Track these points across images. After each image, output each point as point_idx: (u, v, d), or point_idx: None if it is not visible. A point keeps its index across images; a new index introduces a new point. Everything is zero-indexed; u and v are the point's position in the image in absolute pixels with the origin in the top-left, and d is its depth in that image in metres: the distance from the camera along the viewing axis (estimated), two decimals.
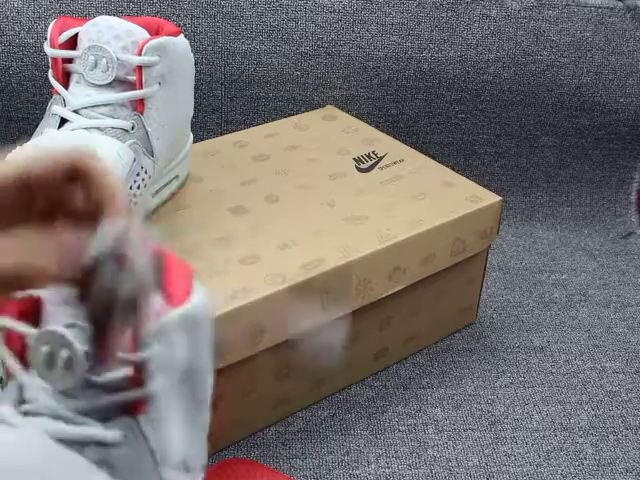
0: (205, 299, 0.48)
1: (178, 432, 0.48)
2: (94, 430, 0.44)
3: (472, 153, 1.10)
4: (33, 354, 0.43)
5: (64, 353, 0.42)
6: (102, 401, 0.44)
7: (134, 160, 0.72)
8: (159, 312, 0.46)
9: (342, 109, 1.05)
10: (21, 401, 0.44)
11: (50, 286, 0.40)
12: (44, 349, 0.42)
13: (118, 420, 0.45)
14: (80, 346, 0.42)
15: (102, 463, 0.44)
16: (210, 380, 0.50)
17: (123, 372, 0.45)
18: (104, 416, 0.45)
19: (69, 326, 0.43)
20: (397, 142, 0.93)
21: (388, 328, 0.81)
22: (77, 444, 0.44)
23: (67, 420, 0.44)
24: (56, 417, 0.44)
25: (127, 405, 0.46)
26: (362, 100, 1.05)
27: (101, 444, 0.44)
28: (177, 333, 0.47)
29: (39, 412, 0.44)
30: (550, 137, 1.10)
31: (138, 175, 0.73)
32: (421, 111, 1.06)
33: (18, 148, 0.71)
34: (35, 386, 0.44)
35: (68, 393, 0.44)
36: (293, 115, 1.04)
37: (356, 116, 1.06)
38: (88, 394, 0.44)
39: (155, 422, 0.46)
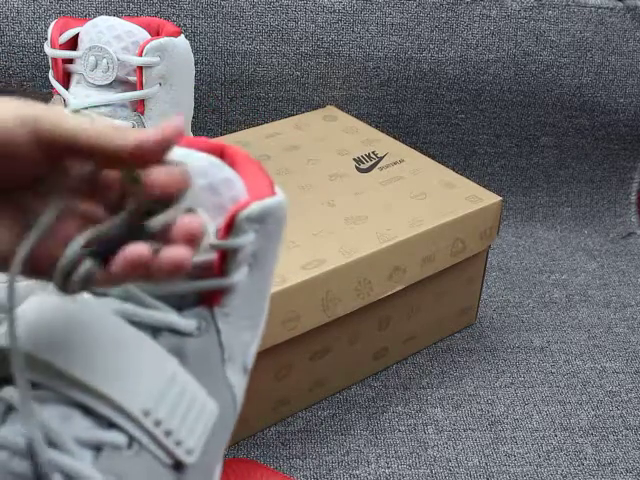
0: (285, 196, 0.46)
1: (247, 330, 0.46)
2: (169, 316, 0.42)
3: (472, 153, 1.10)
4: None
5: None
6: (180, 286, 0.42)
7: None
8: (247, 202, 0.43)
9: (342, 109, 1.05)
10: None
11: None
12: None
13: (194, 309, 0.43)
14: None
15: (174, 351, 0.42)
16: (272, 282, 0.49)
17: (208, 257, 0.42)
18: (180, 303, 0.43)
19: None
20: (397, 142, 0.93)
21: (388, 328, 0.81)
22: (150, 329, 0.42)
23: (140, 302, 0.42)
24: (128, 299, 0.42)
25: (205, 294, 0.43)
26: (362, 100, 1.05)
27: (174, 332, 0.42)
28: (271, 223, 0.45)
29: (109, 293, 0.42)
30: (550, 137, 1.10)
31: None
32: (421, 111, 1.06)
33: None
34: None
35: None
36: (293, 115, 1.04)
37: (356, 116, 1.06)
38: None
39: (230, 316, 0.44)
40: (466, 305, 0.89)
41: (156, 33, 0.75)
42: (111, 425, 0.40)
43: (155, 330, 0.42)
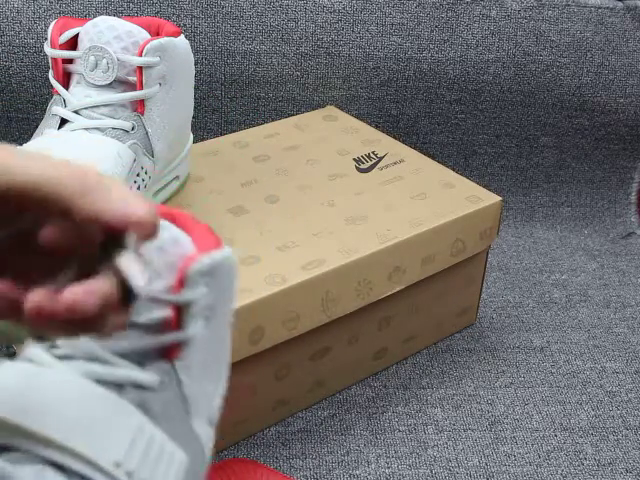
0: (232, 253, 0.48)
1: (209, 382, 0.47)
2: (132, 372, 0.43)
3: (472, 153, 1.10)
4: None
5: None
6: (141, 342, 0.44)
7: (134, 160, 0.72)
8: (196, 256, 0.44)
9: (342, 109, 1.05)
10: (52, 345, 0.44)
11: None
12: None
13: (155, 364, 0.44)
14: None
15: (139, 406, 0.43)
16: (230, 335, 0.50)
17: (164, 313, 0.44)
18: (141, 359, 0.44)
19: None
20: (397, 142, 0.93)
21: (388, 328, 0.81)
22: (114, 386, 0.43)
23: (104, 362, 0.43)
24: (92, 359, 0.43)
25: (164, 348, 0.45)
26: (362, 100, 1.05)
27: (138, 387, 0.44)
28: (221, 275, 0.46)
29: (73, 355, 0.43)
30: (550, 137, 1.10)
31: (138, 175, 0.73)
32: (421, 111, 1.06)
33: (18, 148, 0.71)
34: None
35: None
36: (293, 115, 1.04)
37: (356, 116, 1.06)
38: (127, 335, 0.43)
39: (191, 369, 0.46)
40: (466, 305, 0.89)
41: (156, 33, 0.75)
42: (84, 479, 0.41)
43: (120, 386, 0.43)
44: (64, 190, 0.34)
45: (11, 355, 0.43)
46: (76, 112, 0.71)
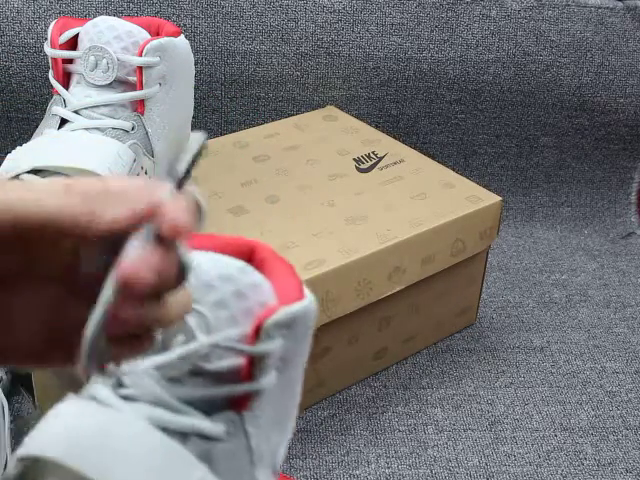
0: (313, 299, 0.46)
1: (276, 432, 0.46)
2: (198, 421, 0.42)
3: (472, 153, 1.10)
4: None
5: None
6: (209, 391, 0.42)
7: (134, 160, 0.72)
8: (276, 307, 0.43)
9: (342, 109, 1.05)
10: (119, 384, 0.42)
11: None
12: None
13: (222, 413, 0.43)
14: None
15: (202, 457, 0.42)
16: (301, 384, 0.48)
17: (236, 362, 0.42)
18: (208, 408, 0.43)
19: None
20: (397, 142, 0.93)
21: (388, 328, 0.81)
22: (179, 435, 0.42)
23: (170, 408, 0.42)
24: (158, 404, 0.42)
25: (233, 399, 0.43)
26: (362, 100, 1.05)
27: (203, 437, 0.42)
28: (299, 327, 0.44)
29: (139, 398, 0.42)
30: (550, 137, 1.10)
31: (138, 175, 0.73)
32: (421, 111, 1.06)
33: (18, 149, 0.71)
34: (139, 371, 0.42)
35: (175, 379, 0.42)
36: (293, 115, 1.04)
37: (356, 116, 1.06)
38: (195, 382, 0.42)
39: (259, 420, 0.44)
40: (466, 305, 0.89)
41: (156, 33, 0.74)
42: None
43: (184, 435, 0.42)
44: (75, 216, 0.34)
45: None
46: (76, 112, 0.71)
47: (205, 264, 0.44)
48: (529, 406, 0.81)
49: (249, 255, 0.47)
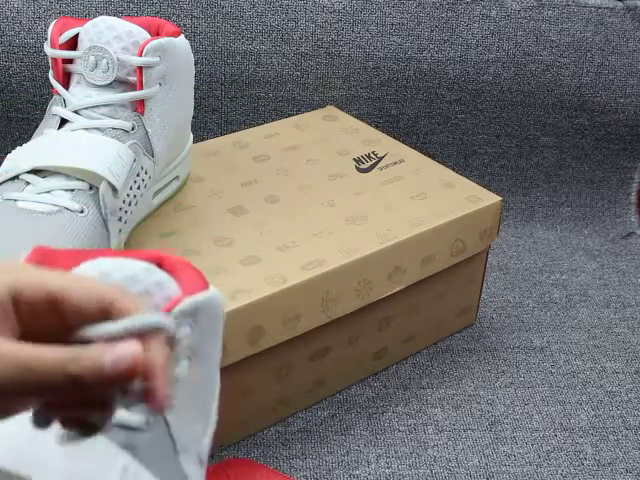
0: (218, 291, 0.48)
1: (196, 422, 0.48)
2: (119, 413, 0.44)
3: (472, 153, 1.10)
4: None
5: None
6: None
7: (134, 161, 0.72)
8: (180, 298, 0.45)
9: (342, 109, 1.05)
10: None
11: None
12: None
13: (141, 405, 0.45)
14: None
15: (125, 446, 0.44)
16: (218, 375, 0.50)
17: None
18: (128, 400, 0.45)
19: None
20: (397, 142, 0.93)
21: (388, 328, 0.81)
22: None
23: None
24: None
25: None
26: (362, 100, 1.05)
27: (125, 427, 0.44)
28: (205, 316, 0.47)
29: None
30: (550, 137, 1.10)
31: (138, 175, 0.73)
32: (421, 111, 1.06)
33: (18, 149, 0.71)
34: None
35: None
36: (293, 115, 1.04)
37: (356, 116, 1.06)
38: None
39: (177, 409, 0.46)
40: (466, 305, 0.89)
41: (156, 33, 0.74)
42: None
43: None
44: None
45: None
46: (76, 112, 0.71)
47: (110, 268, 0.46)
48: (529, 406, 0.81)
49: (158, 263, 0.49)
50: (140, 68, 0.71)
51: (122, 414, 0.44)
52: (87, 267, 0.46)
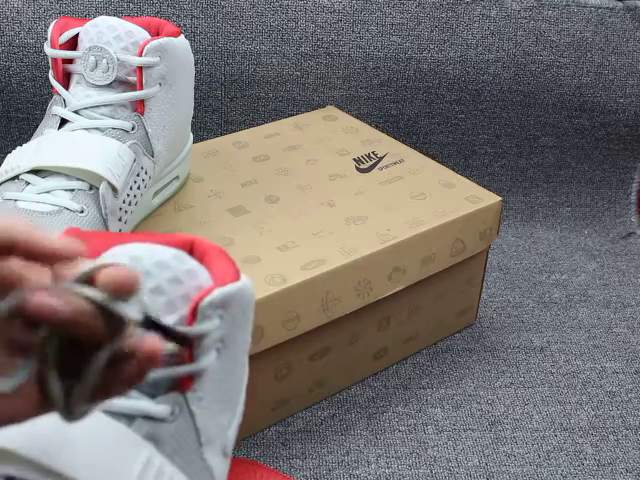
0: (249, 280, 0.48)
1: (222, 413, 0.47)
2: (143, 404, 0.43)
3: (472, 153, 1.10)
4: None
5: None
6: (152, 375, 0.43)
7: (134, 161, 0.72)
8: (211, 289, 0.45)
9: (342, 109, 1.05)
10: None
11: None
12: None
13: (166, 395, 0.44)
14: None
15: (149, 437, 0.43)
16: (247, 366, 0.50)
17: (176, 345, 0.43)
18: (153, 390, 0.44)
19: None
20: (397, 142, 0.93)
21: (388, 328, 0.81)
22: (125, 417, 0.43)
23: None
24: None
25: (176, 381, 0.45)
26: (362, 100, 1.05)
27: (149, 418, 0.44)
28: (236, 307, 0.46)
29: None
30: (550, 137, 1.10)
31: (138, 175, 0.73)
32: (421, 111, 1.06)
33: (18, 149, 0.71)
34: None
35: None
36: (293, 115, 1.04)
37: (356, 116, 1.06)
38: None
39: (203, 400, 0.45)
40: (466, 305, 0.89)
41: (156, 33, 0.75)
42: None
43: (130, 417, 0.43)
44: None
45: None
46: (76, 112, 0.71)
47: (141, 253, 0.46)
48: (529, 406, 0.81)
49: (190, 248, 0.49)
50: (140, 68, 0.71)
51: (147, 405, 0.43)
52: (118, 250, 0.46)
